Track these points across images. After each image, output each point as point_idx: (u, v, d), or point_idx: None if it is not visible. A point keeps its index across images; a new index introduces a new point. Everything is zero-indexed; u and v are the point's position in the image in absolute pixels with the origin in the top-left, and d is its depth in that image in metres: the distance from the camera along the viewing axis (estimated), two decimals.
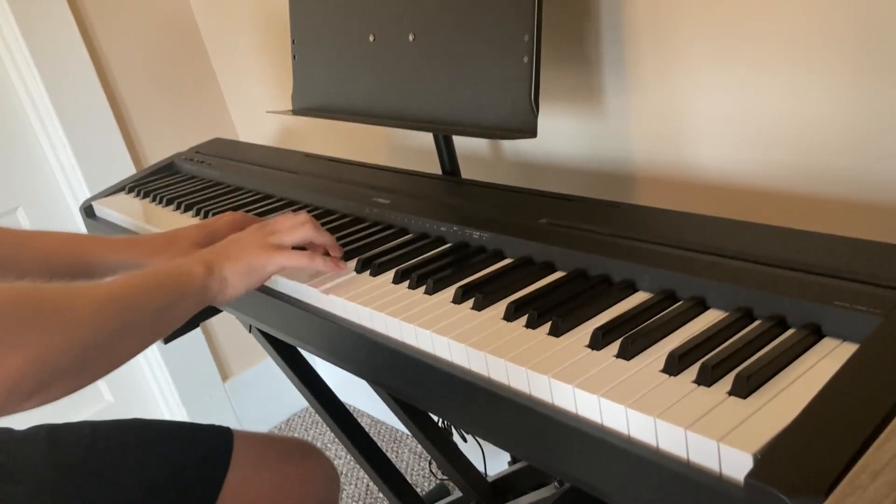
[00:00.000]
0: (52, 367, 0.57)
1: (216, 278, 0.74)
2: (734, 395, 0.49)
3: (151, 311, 0.67)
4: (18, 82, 1.61)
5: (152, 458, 0.86)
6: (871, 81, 0.74)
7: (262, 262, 0.76)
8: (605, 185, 1.03)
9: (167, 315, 0.70)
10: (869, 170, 0.77)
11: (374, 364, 0.75)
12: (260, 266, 0.77)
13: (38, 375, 0.56)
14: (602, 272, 0.69)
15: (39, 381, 0.56)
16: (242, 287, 0.76)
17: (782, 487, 0.39)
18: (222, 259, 0.76)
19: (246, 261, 0.76)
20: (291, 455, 0.98)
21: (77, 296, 0.62)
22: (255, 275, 0.77)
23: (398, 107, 1.02)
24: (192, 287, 0.72)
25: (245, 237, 0.80)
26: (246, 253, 0.77)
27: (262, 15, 1.58)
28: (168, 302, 0.69)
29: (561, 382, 0.54)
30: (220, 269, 0.75)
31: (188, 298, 0.72)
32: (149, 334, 0.68)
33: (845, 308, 0.52)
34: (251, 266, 0.76)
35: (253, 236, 0.79)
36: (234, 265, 0.75)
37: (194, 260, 0.75)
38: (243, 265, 0.76)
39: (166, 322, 0.70)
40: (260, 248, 0.77)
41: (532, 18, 0.81)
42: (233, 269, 0.75)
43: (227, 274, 0.75)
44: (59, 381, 0.58)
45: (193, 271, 0.73)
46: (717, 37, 0.84)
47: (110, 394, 1.83)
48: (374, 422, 1.97)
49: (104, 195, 1.36)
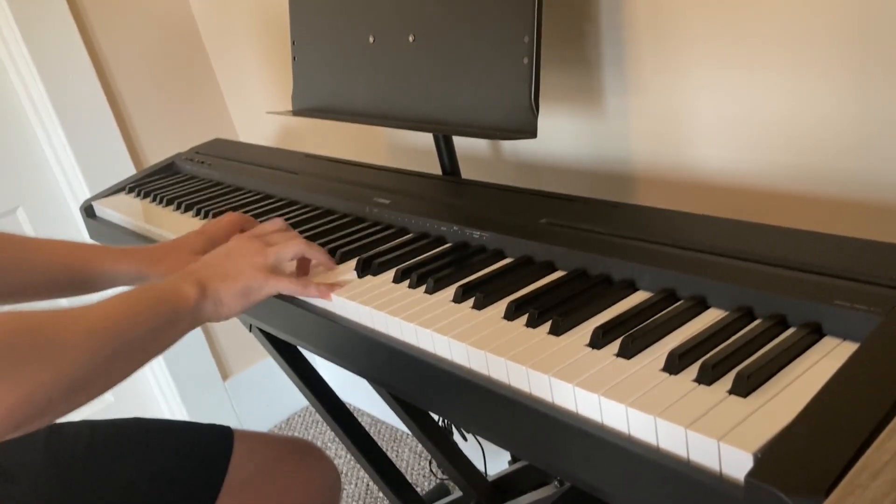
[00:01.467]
0: (45, 399, 0.57)
1: (210, 300, 0.73)
2: (734, 394, 0.49)
3: (142, 336, 0.67)
4: (18, 82, 1.61)
5: (152, 457, 0.86)
6: (872, 81, 0.74)
7: (258, 284, 0.75)
8: (605, 185, 1.03)
9: (159, 339, 0.69)
10: (869, 170, 0.77)
11: (374, 363, 0.75)
12: (256, 288, 0.75)
13: (31, 408, 0.56)
14: (602, 272, 0.69)
15: (31, 413, 0.56)
16: (238, 308, 0.75)
17: (782, 487, 0.39)
18: (218, 279, 0.74)
19: (242, 283, 0.75)
20: (292, 454, 0.98)
21: (70, 325, 0.61)
22: (250, 296, 0.75)
23: (398, 107, 1.02)
24: (184, 310, 0.71)
25: (238, 254, 0.78)
26: (243, 274, 0.75)
27: (263, 16, 1.58)
28: (159, 325, 0.68)
29: (561, 381, 0.54)
30: (216, 291, 0.73)
31: (180, 322, 0.71)
32: (140, 359, 0.68)
33: (845, 307, 0.52)
34: (248, 288, 0.75)
35: (246, 253, 0.78)
36: (230, 287, 0.74)
37: (187, 279, 0.73)
38: (240, 287, 0.75)
39: (158, 345, 0.69)
40: (256, 269, 0.76)
41: (532, 19, 0.81)
42: (228, 291, 0.74)
43: (222, 295, 0.74)
44: (52, 411, 0.59)
45: (186, 293, 0.71)
46: (718, 37, 0.84)
47: (110, 393, 1.83)
48: (374, 421, 1.97)
49: (104, 195, 1.36)
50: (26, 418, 0.56)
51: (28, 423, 0.57)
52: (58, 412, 0.60)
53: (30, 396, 0.56)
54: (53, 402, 0.58)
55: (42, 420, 0.58)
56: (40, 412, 0.57)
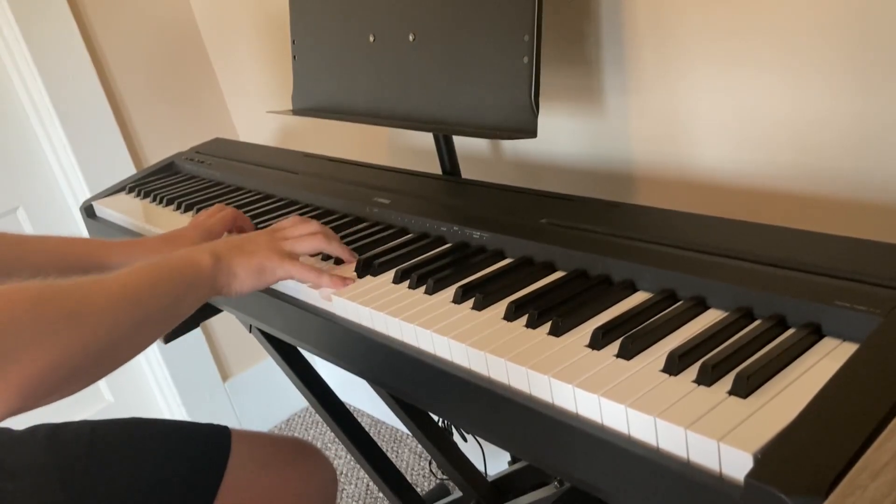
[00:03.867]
0: (70, 367, 0.58)
1: (224, 270, 0.74)
2: (734, 395, 0.49)
3: (163, 304, 0.68)
4: (18, 82, 1.61)
5: (151, 457, 0.86)
6: (872, 81, 0.74)
7: (273, 264, 0.77)
8: (605, 185, 1.03)
9: (177, 307, 0.70)
10: (869, 170, 0.77)
11: (374, 364, 0.75)
12: (270, 268, 0.77)
13: (56, 377, 0.57)
14: (602, 272, 0.69)
15: (56, 382, 0.57)
16: (250, 284, 0.76)
17: (782, 487, 0.39)
18: (234, 252, 0.76)
19: (258, 260, 0.76)
20: (290, 455, 0.98)
21: (92, 293, 0.62)
22: (264, 275, 0.77)
23: (398, 107, 1.02)
24: (200, 277, 0.72)
25: (258, 237, 0.80)
26: (259, 253, 0.77)
27: (263, 15, 1.58)
28: (178, 293, 0.70)
29: (561, 382, 0.54)
30: (230, 262, 0.75)
31: (197, 289, 0.72)
32: (160, 327, 0.69)
33: (845, 308, 0.52)
34: (262, 266, 0.76)
35: (265, 237, 0.80)
36: (245, 261, 0.76)
37: (202, 250, 0.75)
38: (255, 263, 0.76)
39: (176, 314, 0.71)
40: (272, 251, 0.77)
41: (532, 18, 0.81)
42: (243, 265, 0.76)
43: (237, 268, 0.75)
44: (75, 381, 0.60)
45: (202, 261, 0.73)
46: (718, 37, 0.84)
47: (110, 394, 1.83)
48: (374, 422, 1.97)
49: (104, 195, 1.36)
50: (59, 384, 0.57)
51: (61, 389, 0.58)
52: (89, 378, 0.61)
53: (61, 362, 0.57)
54: (83, 368, 0.59)
55: (74, 385, 0.59)
56: (62, 383, 0.58)
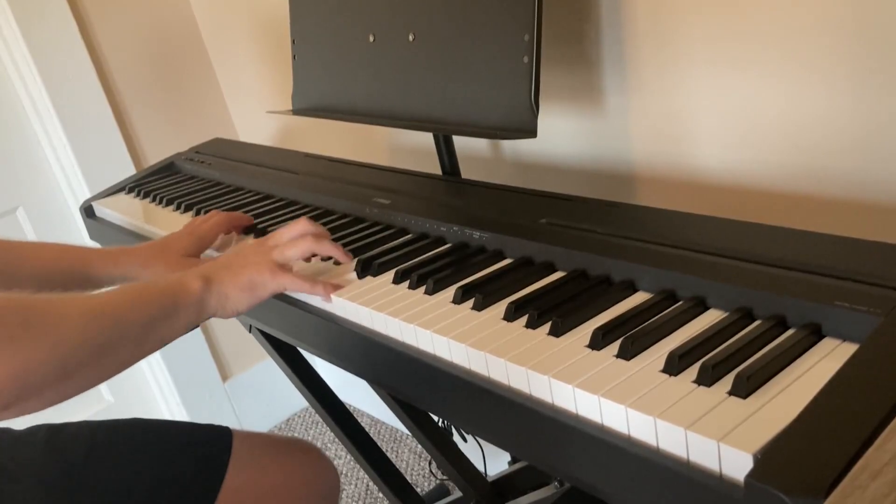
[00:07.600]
0: (34, 379, 0.56)
1: (215, 293, 0.73)
2: (734, 395, 0.49)
3: (140, 325, 0.66)
4: (18, 82, 1.61)
5: (151, 458, 0.86)
6: (872, 82, 0.74)
7: (264, 279, 0.75)
8: (605, 185, 1.03)
9: (158, 329, 0.69)
10: (869, 170, 0.77)
11: (374, 364, 0.75)
12: (262, 283, 0.75)
13: (19, 387, 0.56)
14: (602, 272, 0.69)
15: (19, 393, 0.56)
16: (245, 303, 0.75)
17: (782, 487, 0.39)
18: (223, 273, 0.74)
19: (247, 276, 0.75)
20: (291, 455, 0.98)
21: (65, 307, 0.61)
22: (256, 291, 0.75)
23: (398, 107, 1.02)
24: (186, 301, 0.71)
25: (247, 251, 0.78)
26: (247, 269, 0.75)
27: (263, 16, 1.58)
28: (159, 316, 0.68)
29: (561, 382, 0.54)
30: (220, 284, 0.74)
31: (182, 313, 0.70)
32: (138, 349, 0.67)
33: (845, 308, 0.52)
34: (253, 282, 0.75)
35: (254, 250, 0.78)
36: (234, 280, 0.74)
37: (192, 274, 0.73)
38: (245, 281, 0.74)
39: (157, 337, 0.69)
40: (261, 265, 0.76)
41: (532, 18, 0.81)
42: (233, 284, 0.74)
43: (228, 289, 0.74)
44: (39, 394, 0.58)
45: (189, 285, 0.72)
46: (718, 37, 0.84)
47: (110, 394, 1.83)
48: (374, 422, 1.97)
49: (104, 195, 1.36)
50: (15, 397, 0.55)
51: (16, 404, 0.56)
52: (44, 398, 0.59)
53: (18, 374, 0.55)
54: (43, 383, 0.57)
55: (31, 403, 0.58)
56: (29, 392, 0.56)
